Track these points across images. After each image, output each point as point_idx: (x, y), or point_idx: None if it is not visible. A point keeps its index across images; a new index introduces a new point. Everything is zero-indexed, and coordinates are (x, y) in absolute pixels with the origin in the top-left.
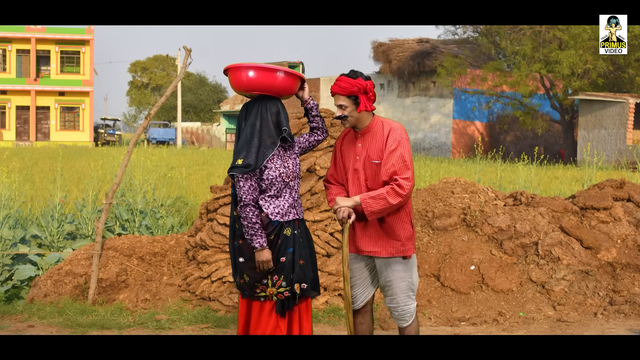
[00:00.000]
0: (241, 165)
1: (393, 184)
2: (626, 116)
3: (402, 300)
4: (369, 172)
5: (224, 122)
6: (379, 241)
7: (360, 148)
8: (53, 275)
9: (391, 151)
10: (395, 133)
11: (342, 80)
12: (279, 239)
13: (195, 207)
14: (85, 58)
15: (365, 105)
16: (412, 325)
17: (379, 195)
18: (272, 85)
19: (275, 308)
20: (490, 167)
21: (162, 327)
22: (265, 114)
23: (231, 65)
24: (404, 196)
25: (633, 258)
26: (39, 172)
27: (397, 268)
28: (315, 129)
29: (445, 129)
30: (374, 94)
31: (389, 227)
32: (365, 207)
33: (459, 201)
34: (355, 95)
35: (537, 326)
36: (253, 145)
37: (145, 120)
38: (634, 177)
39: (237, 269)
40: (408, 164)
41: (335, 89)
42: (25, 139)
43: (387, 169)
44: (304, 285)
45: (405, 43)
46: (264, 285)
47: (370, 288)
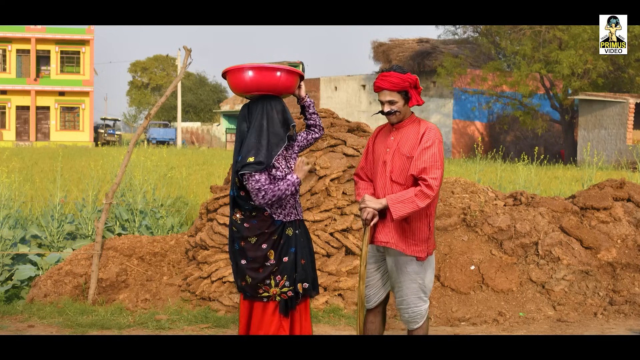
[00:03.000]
0: (254, 163)
1: (422, 184)
2: (626, 116)
3: (413, 301)
4: (396, 165)
5: (224, 122)
6: (395, 234)
7: (392, 141)
8: (53, 275)
9: (426, 147)
10: (431, 132)
11: (393, 76)
12: (282, 239)
13: (195, 207)
14: (85, 58)
15: (416, 99)
16: (422, 327)
17: (408, 199)
18: (277, 84)
19: (279, 308)
20: (490, 167)
21: (162, 327)
22: (271, 112)
23: (231, 67)
24: (432, 197)
25: (633, 258)
26: (39, 172)
27: (407, 270)
28: (313, 127)
29: (445, 129)
30: (421, 88)
31: (407, 224)
32: (394, 211)
33: (459, 201)
34: (405, 90)
35: (537, 326)
36: (262, 144)
37: (145, 120)
38: (634, 177)
39: (239, 271)
40: (439, 164)
41: (384, 84)
42: (25, 139)
43: (418, 165)
44: (305, 284)
45: (405, 43)
46: (267, 285)
47: (383, 290)
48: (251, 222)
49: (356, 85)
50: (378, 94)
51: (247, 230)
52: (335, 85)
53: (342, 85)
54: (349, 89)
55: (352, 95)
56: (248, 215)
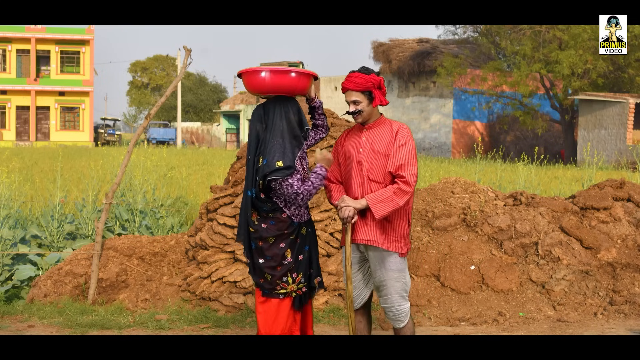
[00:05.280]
0: (283, 168)
1: (399, 181)
2: (626, 116)
3: (397, 300)
4: (372, 164)
5: (224, 122)
6: (375, 232)
7: (364, 141)
8: (53, 275)
9: (401, 145)
10: (404, 130)
11: (356, 77)
12: (298, 238)
13: (195, 207)
14: (85, 58)
15: (380, 99)
16: (407, 326)
17: (387, 198)
18: (294, 86)
19: (294, 303)
20: (490, 167)
21: (162, 327)
22: (288, 114)
23: (248, 69)
24: (410, 193)
25: (633, 258)
26: (39, 172)
27: (391, 267)
28: (319, 127)
29: (445, 129)
30: (385, 89)
31: (387, 221)
32: (376, 211)
33: (459, 201)
34: (369, 91)
35: (537, 326)
36: (286, 147)
37: (145, 120)
38: (634, 177)
39: (257, 269)
40: (414, 160)
41: (348, 85)
42: (25, 139)
43: (395, 162)
44: (319, 278)
45: (405, 43)
46: (284, 282)
47: (366, 290)
48: (269, 223)
49: None
50: (345, 94)
51: (265, 231)
52: (335, 85)
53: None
54: None
55: None
56: (264, 216)
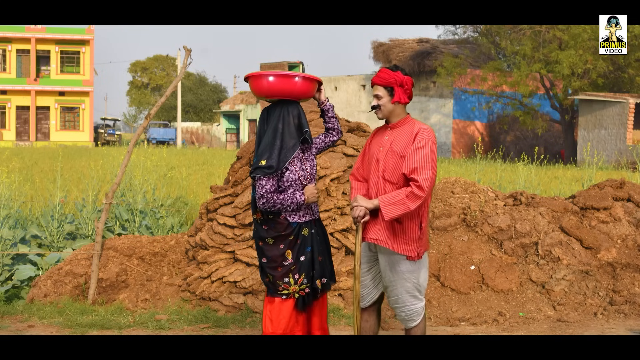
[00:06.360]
0: (264, 167)
1: (413, 185)
2: (626, 116)
3: (407, 299)
4: (389, 163)
5: (224, 122)
6: (385, 232)
7: (386, 140)
8: (53, 275)
9: (418, 148)
10: (425, 133)
11: (382, 71)
12: (298, 239)
13: (195, 207)
14: (85, 58)
15: (399, 97)
16: (419, 326)
17: (399, 201)
18: (294, 90)
19: (297, 304)
20: (490, 167)
21: (162, 327)
22: (287, 117)
23: (253, 73)
24: (423, 198)
25: (633, 258)
26: (39, 172)
27: (400, 269)
28: (331, 130)
29: (445, 129)
30: (411, 90)
31: (398, 223)
32: (385, 213)
33: (459, 201)
34: (391, 87)
35: (537, 326)
36: (275, 147)
37: (145, 120)
38: (634, 177)
39: (261, 268)
40: (431, 165)
41: (374, 79)
42: (25, 139)
43: (409, 164)
44: (323, 280)
45: (405, 43)
46: (285, 284)
47: (376, 290)
48: (269, 224)
49: (356, 85)
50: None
51: (264, 232)
52: (335, 85)
53: (342, 85)
54: (348, 89)
55: (352, 95)
56: (265, 217)
